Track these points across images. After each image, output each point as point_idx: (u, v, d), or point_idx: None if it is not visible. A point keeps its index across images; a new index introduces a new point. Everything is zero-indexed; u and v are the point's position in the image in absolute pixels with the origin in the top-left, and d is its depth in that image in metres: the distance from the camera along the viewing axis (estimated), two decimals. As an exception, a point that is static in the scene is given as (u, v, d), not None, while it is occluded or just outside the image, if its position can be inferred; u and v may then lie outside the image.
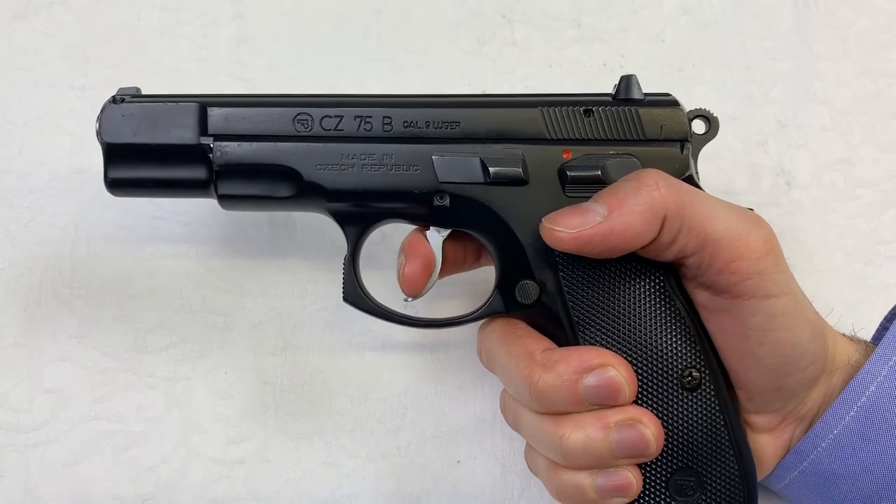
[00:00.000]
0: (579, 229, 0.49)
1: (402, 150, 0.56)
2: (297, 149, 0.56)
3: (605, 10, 0.82)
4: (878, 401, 0.51)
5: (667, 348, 0.52)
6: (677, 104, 0.56)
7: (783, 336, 0.49)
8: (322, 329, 0.70)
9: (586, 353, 0.51)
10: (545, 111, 0.56)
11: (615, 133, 0.55)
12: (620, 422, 0.50)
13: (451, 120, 0.56)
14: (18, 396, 0.68)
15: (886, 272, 0.73)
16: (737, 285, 0.49)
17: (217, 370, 0.69)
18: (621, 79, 0.57)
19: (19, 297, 0.70)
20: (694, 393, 0.52)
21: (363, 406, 0.69)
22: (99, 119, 0.57)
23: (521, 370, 0.52)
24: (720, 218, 0.49)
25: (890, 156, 0.77)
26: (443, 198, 0.56)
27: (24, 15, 0.79)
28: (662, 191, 0.49)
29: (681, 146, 0.55)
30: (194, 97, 0.57)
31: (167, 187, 0.59)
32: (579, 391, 0.50)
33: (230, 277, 0.71)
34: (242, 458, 0.67)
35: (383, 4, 0.81)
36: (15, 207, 0.73)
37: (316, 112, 0.56)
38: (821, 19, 0.81)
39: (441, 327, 0.60)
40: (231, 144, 0.56)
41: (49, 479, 0.66)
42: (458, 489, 0.67)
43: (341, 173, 0.56)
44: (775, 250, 0.50)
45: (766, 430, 0.54)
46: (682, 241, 0.49)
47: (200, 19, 0.80)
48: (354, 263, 0.59)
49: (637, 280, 0.53)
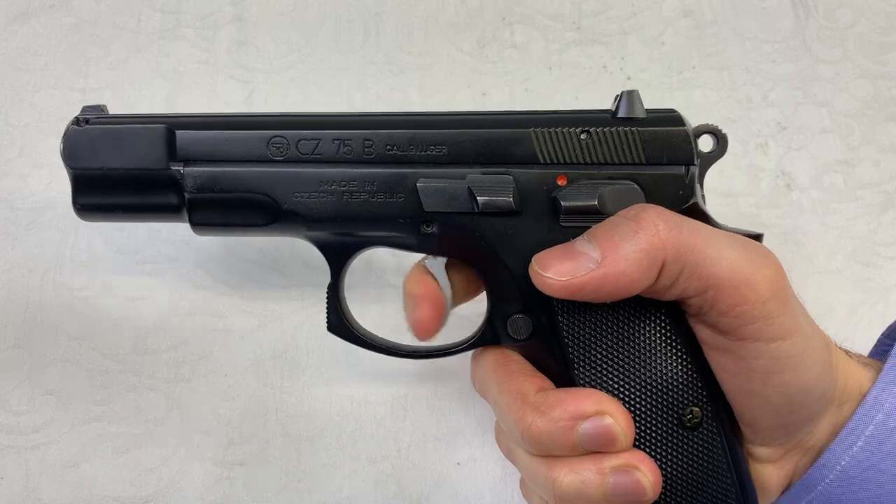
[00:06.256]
0: (570, 276, 0.46)
1: (385, 176, 0.52)
2: (273, 175, 0.52)
3: (605, 13, 0.82)
4: (887, 430, 0.48)
5: (667, 386, 0.49)
6: (682, 122, 0.51)
7: (789, 378, 0.47)
8: (322, 330, 0.70)
9: (582, 398, 0.48)
10: (537, 132, 0.51)
11: (614, 156, 0.51)
12: (616, 467, 0.47)
13: (436, 142, 0.52)
14: (19, 398, 0.68)
15: (886, 273, 0.73)
16: (741, 328, 0.46)
17: (217, 372, 0.69)
18: (622, 95, 0.52)
19: (20, 299, 0.70)
20: (695, 431, 0.49)
21: (363, 408, 0.69)
22: (62, 142, 0.54)
23: (513, 411, 0.49)
24: (724, 259, 0.45)
25: (890, 157, 0.77)
26: (430, 226, 0.52)
27: (24, 17, 0.79)
28: (662, 235, 0.45)
29: (685, 169, 0.51)
30: (162, 118, 0.54)
31: (138, 212, 0.56)
32: (574, 438, 0.47)
33: (230, 280, 0.71)
34: (243, 460, 0.67)
35: (383, 7, 0.81)
36: (16, 209, 0.73)
37: (291, 135, 0.52)
38: (820, 21, 0.81)
39: (429, 357, 0.56)
40: (202, 171, 0.53)
41: (49, 481, 0.66)
42: (458, 491, 0.67)
43: (321, 201, 0.52)
44: (783, 291, 0.46)
45: (769, 461, 0.52)
46: (683, 285, 0.46)
47: (201, 22, 0.80)
48: (338, 291, 0.56)
49: (637, 318, 0.50)
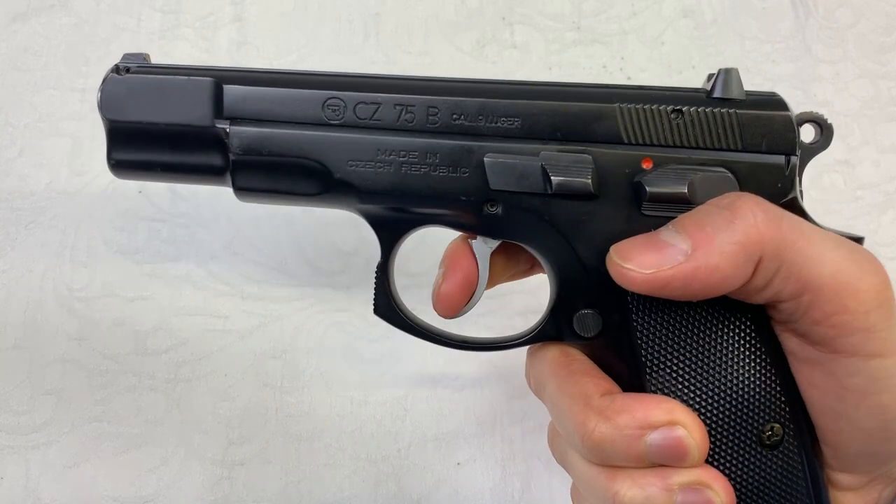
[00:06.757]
0: (655, 269, 0.41)
1: (449, 148, 0.47)
2: (326, 140, 0.48)
3: (605, 13, 0.82)
4: None
5: (748, 399, 0.45)
6: (785, 106, 0.47)
7: (887, 400, 0.41)
8: (322, 331, 0.70)
9: (653, 405, 0.43)
10: (623, 109, 0.46)
11: (707, 140, 0.46)
12: (686, 484, 0.43)
13: (508, 113, 0.47)
14: (19, 398, 0.67)
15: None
16: (837, 340, 0.41)
17: (217, 372, 0.69)
18: (719, 72, 0.47)
19: (20, 299, 0.70)
20: (775, 451, 0.45)
21: (363, 408, 0.69)
22: (100, 91, 0.50)
23: (574, 414, 0.45)
24: (827, 260, 0.41)
25: (890, 157, 0.77)
26: (494, 206, 0.48)
27: (24, 17, 0.79)
28: (761, 226, 0.40)
29: (786, 160, 0.46)
30: (209, 70, 0.50)
31: (178, 172, 0.52)
32: (640, 448, 0.43)
33: (230, 280, 0.71)
34: (243, 460, 0.67)
35: (383, 6, 0.81)
36: (15, 209, 0.73)
37: (349, 97, 0.48)
38: (820, 22, 0.81)
39: (484, 350, 0.52)
40: (250, 130, 0.48)
41: (49, 481, 0.66)
42: (458, 491, 0.67)
43: (377, 172, 0.48)
44: (889, 302, 0.41)
45: (850, 489, 0.47)
46: (778, 286, 0.41)
47: (201, 22, 0.80)
48: (387, 272, 0.52)
49: (720, 322, 0.45)
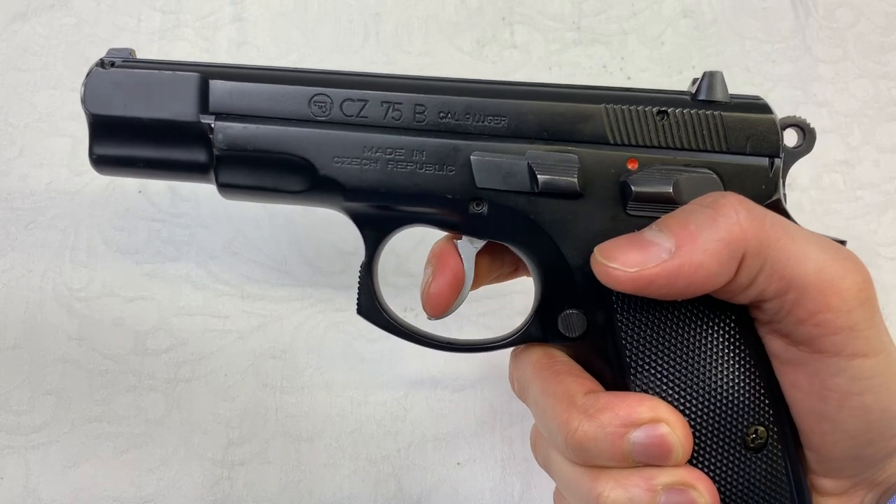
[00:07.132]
0: (639, 268, 0.41)
1: (436, 146, 0.48)
2: (312, 136, 0.48)
3: (605, 13, 0.82)
4: None
5: (732, 400, 0.45)
6: (769, 110, 0.47)
7: (869, 401, 0.41)
8: (322, 331, 0.70)
9: (636, 403, 0.44)
10: (609, 109, 0.47)
11: (693, 141, 0.47)
12: (669, 485, 0.43)
13: (495, 113, 0.48)
14: (19, 398, 0.67)
15: (886, 273, 0.73)
16: (820, 339, 0.41)
17: (217, 372, 0.69)
18: (704, 75, 0.48)
19: (20, 299, 0.70)
20: (759, 454, 0.45)
21: (363, 408, 0.69)
22: (84, 85, 0.50)
23: (558, 413, 0.45)
24: (811, 258, 0.41)
25: (890, 157, 0.77)
26: (480, 205, 0.48)
27: (24, 17, 0.79)
28: (744, 224, 0.41)
29: (770, 162, 0.46)
30: (195, 66, 0.50)
31: (160, 168, 0.52)
32: (623, 447, 0.43)
33: (229, 280, 0.71)
34: (243, 460, 0.67)
35: (383, 6, 0.81)
36: (15, 209, 0.73)
37: (336, 94, 0.48)
38: (820, 22, 0.81)
39: (470, 351, 0.52)
40: (235, 126, 0.49)
41: (49, 481, 0.66)
42: (458, 491, 0.67)
43: (363, 169, 0.48)
44: (871, 301, 0.41)
45: (832, 494, 0.47)
46: (762, 285, 0.42)
47: (201, 22, 0.80)
48: (371, 271, 0.52)
49: (704, 323, 0.45)
